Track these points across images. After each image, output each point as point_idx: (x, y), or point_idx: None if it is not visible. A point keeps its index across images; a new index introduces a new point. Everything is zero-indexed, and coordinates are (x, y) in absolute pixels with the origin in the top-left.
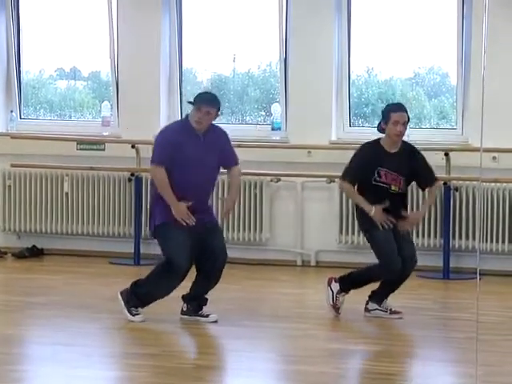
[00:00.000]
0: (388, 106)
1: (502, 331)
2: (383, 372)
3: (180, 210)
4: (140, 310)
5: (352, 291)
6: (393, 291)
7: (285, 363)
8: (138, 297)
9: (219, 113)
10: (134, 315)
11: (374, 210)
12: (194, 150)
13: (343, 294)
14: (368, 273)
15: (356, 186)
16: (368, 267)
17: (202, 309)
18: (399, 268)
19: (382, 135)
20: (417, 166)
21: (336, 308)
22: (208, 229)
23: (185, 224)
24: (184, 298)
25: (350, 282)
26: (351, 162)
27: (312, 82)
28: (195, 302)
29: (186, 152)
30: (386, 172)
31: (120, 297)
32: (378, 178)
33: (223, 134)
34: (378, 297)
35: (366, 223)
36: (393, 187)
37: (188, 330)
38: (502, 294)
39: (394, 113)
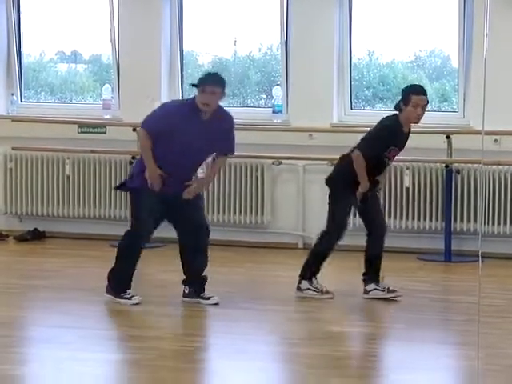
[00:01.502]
0: (409, 87)
1: (503, 313)
2: (382, 354)
3: (152, 175)
4: (130, 291)
5: (345, 273)
6: (378, 266)
7: (285, 346)
8: (118, 280)
9: (225, 92)
10: (129, 298)
11: (365, 188)
12: (190, 136)
13: (314, 278)
14: (320, 247)
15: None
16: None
17: (203, 291)
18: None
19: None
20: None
21: (322, 291)
22: (186, 201)
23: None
24: (183, 282)
25: (307, 268)
26: (377, 138)
27: (313, 64)
28: (195, 284)
29: (179, 135)
30: (394, 150)
31: (107, 294)
32: (387, 154)
33: (229, 119)
34: (371, 277)
35: (348, 191)
36: (390, 162)
37: (189, 313)
38: (503, 276)
39: (415, 95)
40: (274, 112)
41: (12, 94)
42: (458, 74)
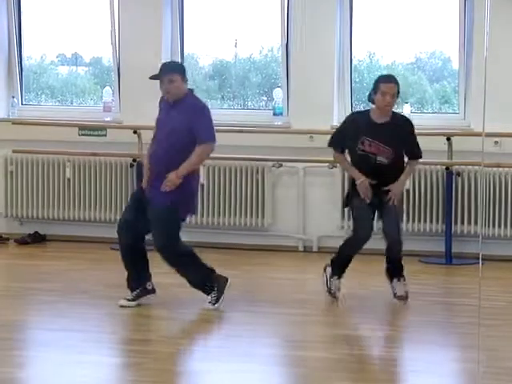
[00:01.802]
0: (379, 76)
1: (504, 316)
2: (384, 357)
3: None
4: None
5: (346, 276)
6: (394, 274)
7: (286, 349)
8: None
9: (185, 78)
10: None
11: (361, 180)
12: (161, 120)
13: (336, 277)
14: (341, 248)
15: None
16: (341, 245)
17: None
18: (367, 235)
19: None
20: (403, 137)
21: (331, 293)
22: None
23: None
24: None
25: (335, 263)
26: (335, 131)
27: (314, 66)
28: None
29: (157, 119)
30: (370, 142)
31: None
32: (361, 147)
33: (192, 106)
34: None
35: (350, 193)
36: (379, 158)
37: (187, 316)
38: (504, 279)
39: (383, 84)
40: (274, 114)
41: (13, 97)
42: (459, 75)
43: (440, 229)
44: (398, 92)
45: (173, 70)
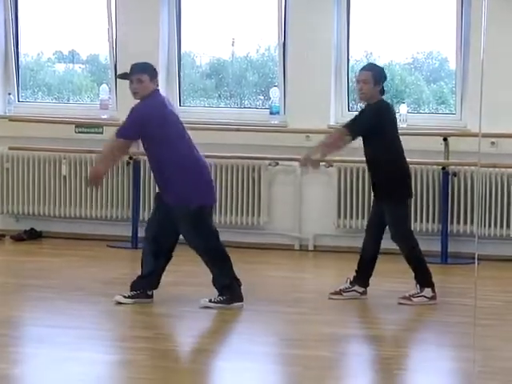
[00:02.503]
0: None
1: (500, 316)
2: (380, 356)
3: None
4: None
5: (342, 275)
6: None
7: (282, 347)
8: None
9: (154, 79)
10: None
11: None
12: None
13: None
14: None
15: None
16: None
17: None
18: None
19: None
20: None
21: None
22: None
23: None
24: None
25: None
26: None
27: (311, 66)
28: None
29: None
30: None
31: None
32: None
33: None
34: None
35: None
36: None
37: (185, 314)
38: (500, 278)
39: (357, 73)
40: (271, 113)
41: (9, 94)
42: (456, 76)
43: (436, 228)
44: (377, 78)
45: (142, 71)
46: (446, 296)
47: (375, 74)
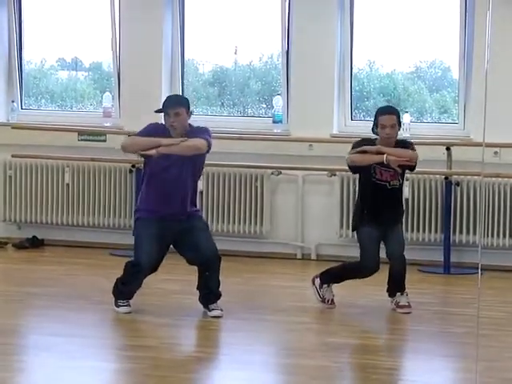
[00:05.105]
0: (377, 109)
1: (502, 326)
2: (383, 366)
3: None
4: (128, 301)
5: (344, 285)
6: (397, 290)
7: (284, 356)
8: (119, 290)
9: (190, 111)
10: (119, 307)
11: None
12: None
13: (325, 286)
14: (343, 269)
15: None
16: (343, 264)
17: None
18: (372, 268)
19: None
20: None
21: (326, 301)
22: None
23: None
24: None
25: (329, 276)
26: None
27: (314, 74)
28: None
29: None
30: (380, 170)
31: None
32: (376, 176)
33: (198, 130)
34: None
35: (358, 217)
36: (392, 182)
37: (186, 323)
38: (502, 289)
39: (380, 116)
40: (274, 122)
41: (12, 101)
42: (459, 85)
43: (439, 238)
44: (400, 120)
45: (179, 104)
46: (449, 306)
47: (398, 116)
